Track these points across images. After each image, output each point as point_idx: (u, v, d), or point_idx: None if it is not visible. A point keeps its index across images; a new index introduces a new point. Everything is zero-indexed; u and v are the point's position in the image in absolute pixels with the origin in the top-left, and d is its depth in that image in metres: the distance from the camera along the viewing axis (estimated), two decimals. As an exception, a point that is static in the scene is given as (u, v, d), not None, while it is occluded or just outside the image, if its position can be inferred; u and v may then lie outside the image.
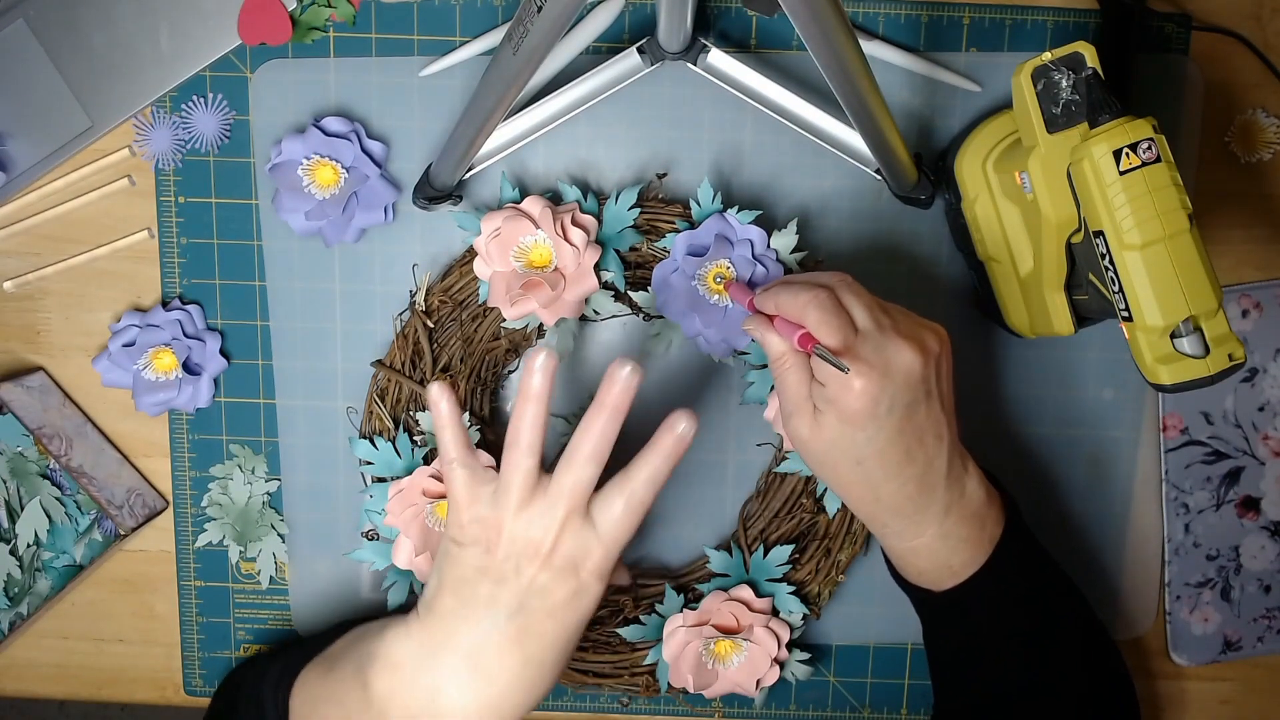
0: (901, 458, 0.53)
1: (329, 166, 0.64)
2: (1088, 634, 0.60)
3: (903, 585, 0.61)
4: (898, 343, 0.52)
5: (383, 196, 0.66)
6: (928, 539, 0.56)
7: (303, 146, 0.64)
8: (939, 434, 0.54)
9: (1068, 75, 0.53)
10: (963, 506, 0.56)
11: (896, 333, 0.53)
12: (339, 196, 0.65)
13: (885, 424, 0.52)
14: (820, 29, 0.47)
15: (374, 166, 0.65)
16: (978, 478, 0.57)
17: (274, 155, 0.64)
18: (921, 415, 0.53)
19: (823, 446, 0.54)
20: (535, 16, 0.46)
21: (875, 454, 0.53)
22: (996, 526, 0.57)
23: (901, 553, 0.58)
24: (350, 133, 0.65)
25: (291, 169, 0.64)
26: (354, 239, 0.66)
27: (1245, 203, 0.68)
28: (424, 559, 0.64)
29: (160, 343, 0.67)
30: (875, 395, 0.52)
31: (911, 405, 0.53)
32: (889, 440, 0.53)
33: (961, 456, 0.56)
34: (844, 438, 0.53)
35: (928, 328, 0.55)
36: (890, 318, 0.54)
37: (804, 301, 0.53)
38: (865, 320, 0.53)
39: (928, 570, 0.57)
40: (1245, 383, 0.69)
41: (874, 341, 0.52)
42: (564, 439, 0.69)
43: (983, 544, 0.56)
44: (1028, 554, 0.59)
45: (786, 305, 0.54)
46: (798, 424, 0.55)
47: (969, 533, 0.56)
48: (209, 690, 0.72)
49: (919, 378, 0.53)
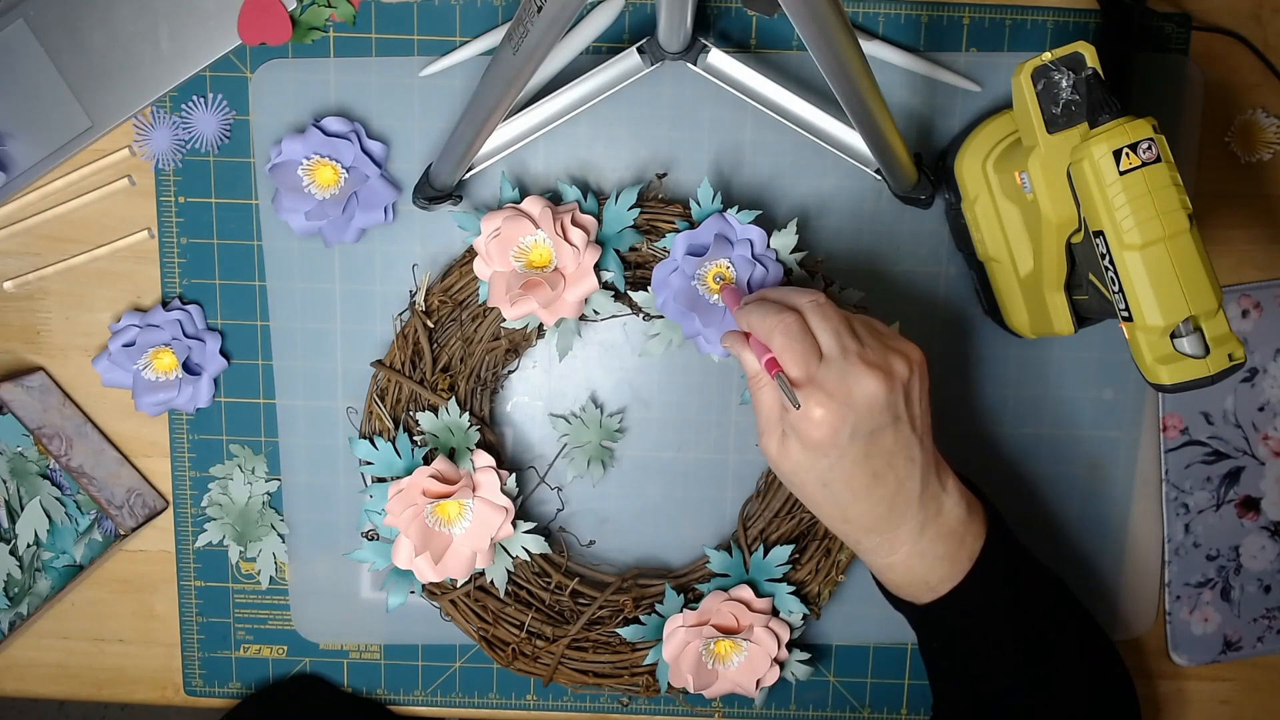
0: (869, 481, 0.54)
1: (329, 166, 0.64)
2: (1083, 637, 0.60)
3: (886, 596, 0.61)
4: (860, 370, 0.52)
5: (383, 196, 0.66)
6: (902, 556, 0.56)
7: (303, 146, 0.64)
8: (910, 456, 0.54)
9: (1068, 75, 0.53)
10: (939, 525, 0.55)
11: (861, 360, 0.53)
12: (339, 197, 0.65)
13: (848, 451, 0.53)
14: (820, 29, 0.47)
15: (374, 166, 0.65)
16: (957, 495, 0.56)
17: (274, 155, 0.64)
18: (889, 440, 0.53)
19: (790, 467, 0.55)
20: (535, 16, 0.46)
21: (840, 478, 0.53)
22: (977, 541, 0.56)
23: (878, 568, 0.58)
24: (350, 132, 0.65)
25: (291, 169, 0.64)
26: (354, 239, 0.66)
27: (1245, 203, 0.68)
28: (424, 559, 0.64)
29: (160, 343, 0.67)
30: (835, 425, 0.52)
31: (875, 432, 0.53)
32: (854, 465, 0.53)
33: (939, 475, 0.56)
34: (809, 461, 0.54)
35: (897, 352, 0.54)
36: (858, 342, 0.53)
37: (771, 325, 0.53)
38: (831, 346, 0.53)
39: (904, 585, 0.57)
40: (1245, 383, 0.69)
41: (837, 369, 0.52)
42: (564, 439, 0.69)
43: (960, 560, 0.56)
44: (1011, 565, 0.58)
45: (757, 326, 0.55)
46: (767, 443, 0.55)
47: (946, 549, 0.56)
48: (209, 690, 0.72)
49: (882, 405, 0.52)
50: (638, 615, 0.67)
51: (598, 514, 0.70)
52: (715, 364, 0.69)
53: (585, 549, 0.71)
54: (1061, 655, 0.58)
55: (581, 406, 0.69)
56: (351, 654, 0.72)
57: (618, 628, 0.67)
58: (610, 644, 0.68)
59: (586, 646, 0.68)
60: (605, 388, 0.69)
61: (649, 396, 0.69)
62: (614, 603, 0.68)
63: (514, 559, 0.67)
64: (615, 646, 0.68)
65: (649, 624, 0.67)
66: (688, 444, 0.70)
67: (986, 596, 0.57)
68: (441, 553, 0.64)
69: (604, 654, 0.68)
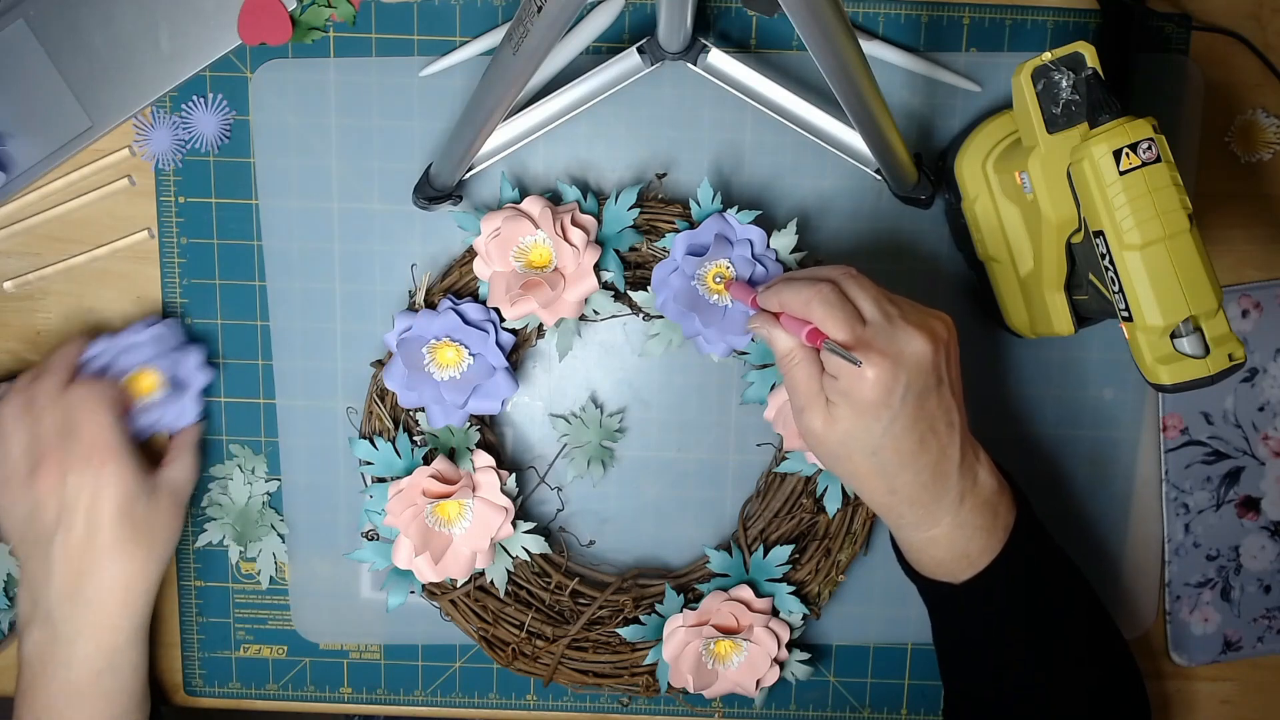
0: (916, 446, 0.54)
1: (455, 349, 0.62)
2: (1096, 621, 0.61)
3: (917, 580, 0.61)
4: (908, 331, 0.53)
5: (503, 390, 0.64)
6: (944, 528, 0.56)
7: (436, 326, 0.62)
8: (950, 421, 0.55)
9: (1068, 75, 0.53)
10: (976, 494, 0.56)
11: (905, 321, 0.53)
12: (460, 383, 0.63)
13: (900, 413, 0.53)
14: (820, 29, 0.47)
15: (502, 359, 0.63)
16: (988, 466, 0.57)
17: (400, 325, 0.62)
18: (933, 402, 0.54)
19: (837, 439, 0.54)
20: (535, 16, 0.46)
21: (890, 443, 0.53)
22: (1009, 514, 0.57)
23: (920, 544, 0.58)
24: (486, 322, 0.63)
25: (417, 345, 0.62)
26: (460, 423, 0.64)
27: (1245, 203, 0.68)
28: (424, 559, 0.64)
29: (137, 364, 0.64)
30: (889, 384, 0.52)
31: (924, 392, 0.53)
32: (904, 429, 0.53)
33: (972, 445, 0.57)
34: (859, 429, 0.53)
35: (935, 315, 0.55)
36: (897, 307, 0.54)
37: (807, 297, 0.53)
38: (872, 311, 0.53)
39: (945, 560, 0.57)
40: (1245, 383, 0.69)
41: (883, 331, 0.53)
42: (564, 439, 0.69)
43: (997, 531, 0.57)
44: (1040, 542, 0.59)
45: (790, 301, 0.55)
46: (810, 418, 0.55)
47: (984, 521, 0.56)
48: (209, 690, 0.72)
49: (930, 364, 0.53)
50: (638, 615, 0.67)
51: (598, 514, 0.70)
52: (715, 364, 0.69)
53: (585, 549, 0.71)
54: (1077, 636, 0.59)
55: (581, 406, 0.69)
56: (351, 654, 0.72)
57: (618, 628, 0.67)
58: (610, 644, 0.68)
59: (586, 646, 0.68)
60: (605, 388, 0.69)
61: (649, 396, 0.69)
62: (614, 603, 0.68)
63: (514, 559, 0.67)
64: (615, 646, 0.68)
65: (649, 624, 0.67)
66: (688, 444, 0.70)
67: (1020, 571, 0.57)
68: (441, 553, 0.64)
69: (604, 654, 0.68)
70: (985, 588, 0.57)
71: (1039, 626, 0.58)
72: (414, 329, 0.63)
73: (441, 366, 0.63)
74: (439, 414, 0.64)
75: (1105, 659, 0.60)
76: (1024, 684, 0.58)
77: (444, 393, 0.63)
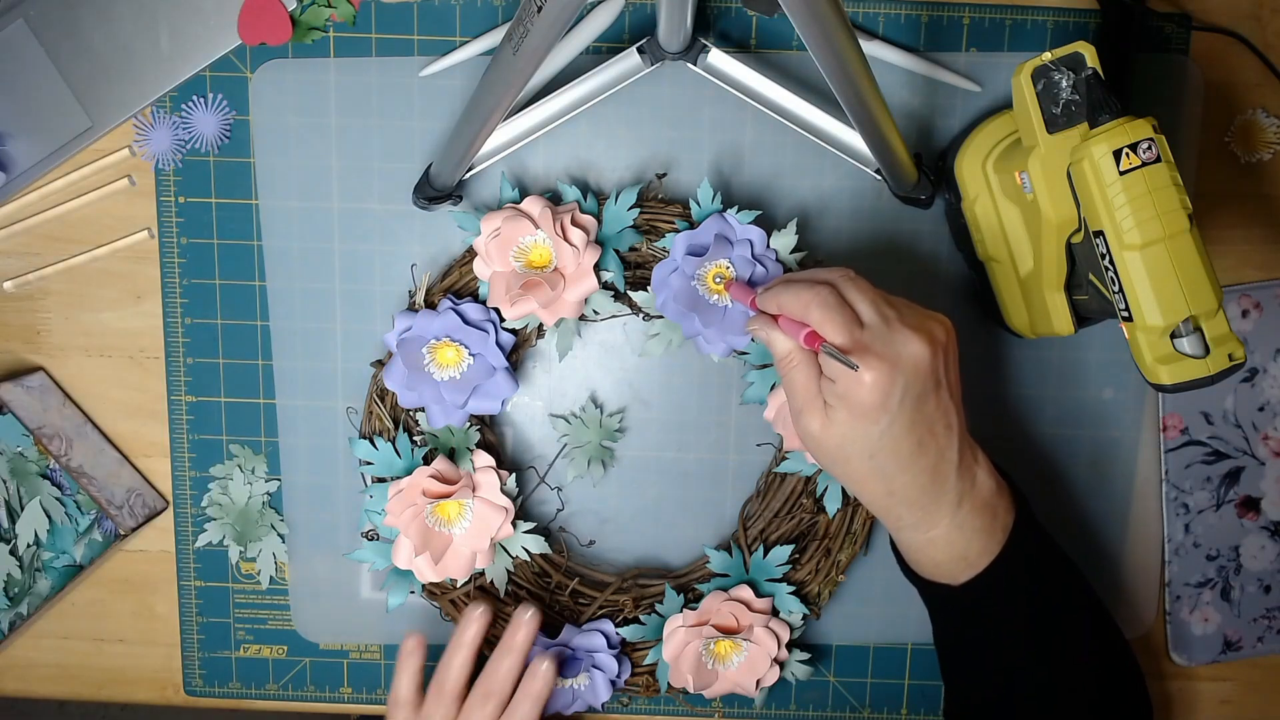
0: (914, 449, 0.54)
1: (454, 349, 0.63)
2: (1097, 620, 0.61)
3: (917, 582, 0.61)
4: (905, 334, 0.53)
5: (503, 390, 0.64)
6: (943, 529, 0.56)
7: (435, 326, 0.62)
8: (949, 423, 0.55)
9: (1068, 75, 0.53)
10: (975, 496, 0.56)
11: (903, 324, 0.53)
12: (460, 383, 0.63)
13: (897, 416, 0.53)
14: (820, 29, 0.47)
15: (502, 359, 0.63)
16: (987, 467, 0.57)
17: (400, 326, 0.62)
18: (931, 405, 0.54)
19: (835, 442, 0.54)
20: (535, 16, 0.46)
21: (888, 446, 0.53)
22: (1008, 515, 0.57)
23: (918, 546, 0.58)
24: (486, 322, 0.63)
25: (417, 345, 0.62)
26: (460, 423, 0.65)
27: (1245, 203, 0.68)
28: (424, 559, 0.64)
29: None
30: (886, 388, 0.52)
31: (922, 395, 0.53)
32: (902, 432, 0.53)
33: (971, 446, 0.57)
34: (857, 432, 0.53)
35: (933, 318, 0.55)
36: (895, 310, 0.54)
37: (805, 300, 0.53)
38: (870, 314, 0.53)
39: (944, 562, 0.57)
40: (1245, 383, 0.69)
41: (881, 335, 0.53)
42: (564, 439, 0.69)
43: (996, 533, 0.56)
44: (1039, 542, 0.59)
45: (789, 304, 0.55)
46: (808, 421, 0.55)
47: (983, 522, 0.56)
48: (209, 690, 0.72)
49: (928, 368, 0.53)
50: (638, 615, 0.67)
51: (598, 514, 0.70)
52: (715, 364, 0.69)
53: (585, 549, 0.71)
54: (1079, 636, 0.59)
55: (581, 406, 0.69)
56: (351, 654, 0.72)
57: (618, 628, 0.67)
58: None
59: (586, 646, 0.68)
60: (605, 388, 0.69)
61: (649, 396, 0.69)
62: (614, 603, 0.68)
63: (514, 559, 0.67)
64: (615, 646, 0.68)
65: (649, 624, 0.67)
66: (688, 444, 0.70)
67: (1020, 572, 0.57)
68: (441, 553, 0.64)
69: (604, 654, 0.68)
70: (985, 589, 0.57)
71: (1039, 627, 0.58)
72: (414, 329, 0.63)
73: (441, 366, 0.63)
74: (439, 414, 0.64)
75: (1106, 658, 0.59)
76: (1025, 684, 0.58)
77: (444, 393, 0.63)
